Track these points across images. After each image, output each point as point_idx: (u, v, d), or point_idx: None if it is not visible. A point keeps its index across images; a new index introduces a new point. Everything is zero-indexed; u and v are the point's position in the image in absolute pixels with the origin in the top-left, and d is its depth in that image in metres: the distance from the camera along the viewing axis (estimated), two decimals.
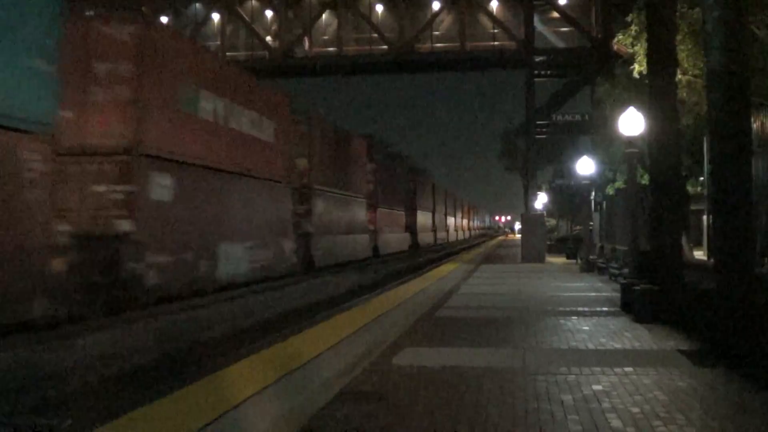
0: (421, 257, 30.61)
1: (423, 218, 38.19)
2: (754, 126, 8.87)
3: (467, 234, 76.78)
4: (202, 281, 10.85)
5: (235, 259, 11.97)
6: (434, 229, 43.45)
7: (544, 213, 38.55)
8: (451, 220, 56.25)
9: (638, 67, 14.90)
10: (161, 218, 9.72)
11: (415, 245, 34.31)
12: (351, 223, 21.86)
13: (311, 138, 17.78)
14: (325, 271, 17.99)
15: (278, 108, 15.15)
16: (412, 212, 34.43)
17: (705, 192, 17.40)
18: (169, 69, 10.11)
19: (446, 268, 21.01)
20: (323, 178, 18.61)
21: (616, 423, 4.52)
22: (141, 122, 9.34)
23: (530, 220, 26.68)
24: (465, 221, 76.94)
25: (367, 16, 32.35)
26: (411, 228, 34.34)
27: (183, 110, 10.52)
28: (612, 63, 24.05)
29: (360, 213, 23.35)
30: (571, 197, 35.37)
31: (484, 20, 32.19)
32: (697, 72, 13.84)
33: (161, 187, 9.74)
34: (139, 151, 9.27)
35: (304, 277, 15.86)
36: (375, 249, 25.17)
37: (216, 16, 33.96)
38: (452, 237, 56.32)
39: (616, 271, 15.21)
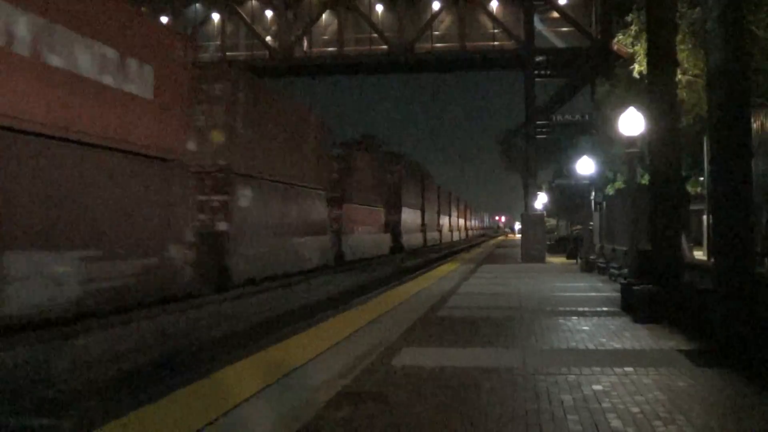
0: (403, 263, 26.32)
1: (409, 217, 34.26)
2: (754, 126, 8.87)
3: (464, 234, 72.14)
4: None
5: (50, 279, 7.42)
6: (423, 230, 39.28)
7: (544, 213, 38.55)
8: (444, 219, 52.00)
9: (638, 67, 14.91)
10: None
11: (398, 248, 30.27)
12: (302, 222, 16.81)
13: (234, 103, 12.75)
14: (258, 286, 13.19)
15: (165, 49, 10.00)
16: (395, 209, 30.62)
17: (705, 192, 17.40)
18: None
19: (446, 268, 21.01)
20: (253, 161, 13.59)
21: (616, 423, 4.52)
22: None
23: (530, 220, 26.67)
24: (462, 221, 72.09)
25: (367, 16, 32.36)
26: (394, 228, 30.34)
27: None
28: (612, 63, 24.03)
29: (317, 209, 18.33)
30: (571, 197, 35.37)
31: (484, 20, 32.20)
32: (697, 72, 13.85)
33: None
34: None
35: (206, 300, 10.90)
36: (340, 254, 20.93)
37: (216, 16, 33.99)
38: (446, 238, 51.89)
39: (616, 271, 15.22)
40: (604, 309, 10.68)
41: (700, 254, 16.79)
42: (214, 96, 12.47)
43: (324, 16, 33.06)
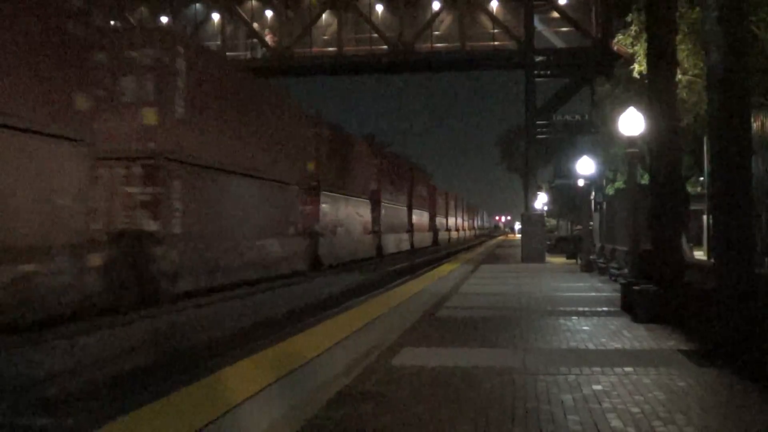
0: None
1: (392, 214, 29.03)
2: (754, 126, 8.87)
3: (462, 234, 66.86)
4: None
5: None
6: (410, 230, 33.95)
7: (544, 213, 38.53)
8: (440, 220, 46.83)
9: (638, 67, 14.91)
10: None
11: (378, 253, 25.44)
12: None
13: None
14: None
15: None
16: (374, 205, 25.93)
17: (705, 192, 17.41)
18: None
19: (446, 268, 21.01)
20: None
21: (616, 423, 4.52)
22: None
23: (530, 220, 26.67)
24: (459, 220, 66.05)
25: (367, 16, 32.36)
26: (372, 226, 25.64)
27: None
28: (612, 63, 24.02)
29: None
30: (571, 197, 35.37)
31: (484, 20, 32.19)
32: (697, 72, 13.85)
33: None
34: None
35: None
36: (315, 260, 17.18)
37: (216, 16, 33.98)
38: (444, 236, 47.42)
39: (616, 271, 15.23)
40: (604, 309, 10.69)
41: (700, 254, 16.80)
42: None
43: (324, 16, 33.06)
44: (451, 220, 58.00)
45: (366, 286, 16.55)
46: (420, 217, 37.87)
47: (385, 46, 32.10)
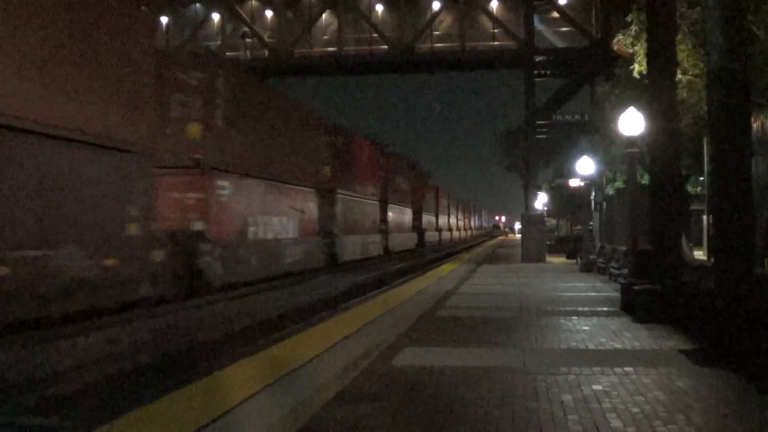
0: None
1: (356, 210, 23.16)
2: (754, 126, 8.87)
3: (457, 235, 59.17)
4: None
5: None
6: (384, 230, 27.05)
7: (544, 213, 38.52)
8: (428, 218, 39.98)
9: (638, 67, 14.90)
10: None
11: (330, 261, 19.27)
12: None
13: None
14: None
15: None
16: (326, 198, 19.53)
17: (705, 192, 17.42)
18: None
19: (446, 268, 21.01)
20: None
21: (616, 423, 4.52)
22: None
23: (530, 220, 26.68)
24: (454, 219, 57.77)
25: (367, 16, 32.38)
26: (324, 226, 19.27)
27: None
28: (612, 63, 24.03)
29: None
30: (571, 197, 35.37)
31: (484, 20, 32.22)
32: (697, 72, 13.83)
33: None
34: None
35: None
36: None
37: (216, 16, 34.00)
38: (433, 238, 40.93)
39: (616, 271, 15.21)
40: (604, 309, 10.69)
41: (700, 254, 16.80)
42: None
43: (324, 16, 33.09)
44: (443, 219, 49.61)
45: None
46: (400, 215, 31.51)
47: (385, 46, 32.10)
